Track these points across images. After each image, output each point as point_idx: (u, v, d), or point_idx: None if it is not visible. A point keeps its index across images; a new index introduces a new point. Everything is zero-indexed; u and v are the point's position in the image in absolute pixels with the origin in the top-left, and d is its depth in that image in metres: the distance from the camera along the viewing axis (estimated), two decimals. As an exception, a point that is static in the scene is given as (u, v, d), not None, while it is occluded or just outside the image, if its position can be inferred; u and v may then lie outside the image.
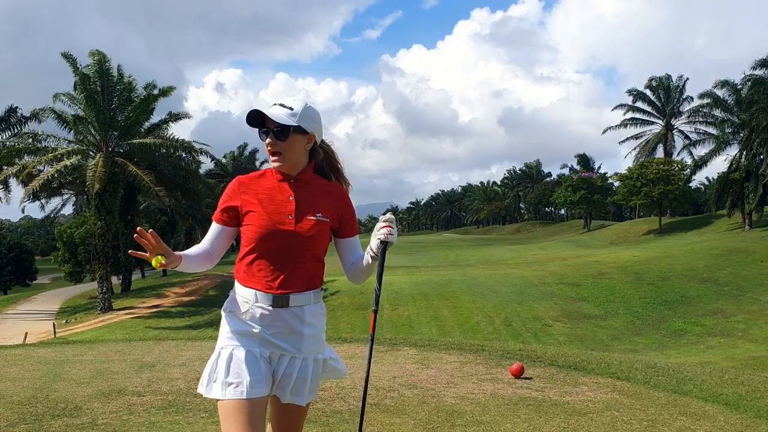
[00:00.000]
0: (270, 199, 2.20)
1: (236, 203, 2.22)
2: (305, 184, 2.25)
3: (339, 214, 2.28)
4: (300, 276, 2.19)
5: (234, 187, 2.26)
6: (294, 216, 2.17)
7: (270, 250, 2.17)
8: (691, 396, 4.91)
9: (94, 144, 28.25)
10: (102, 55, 28.27)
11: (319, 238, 2.20)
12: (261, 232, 2.15)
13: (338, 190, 2.34)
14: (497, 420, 4.14)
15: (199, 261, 2.22)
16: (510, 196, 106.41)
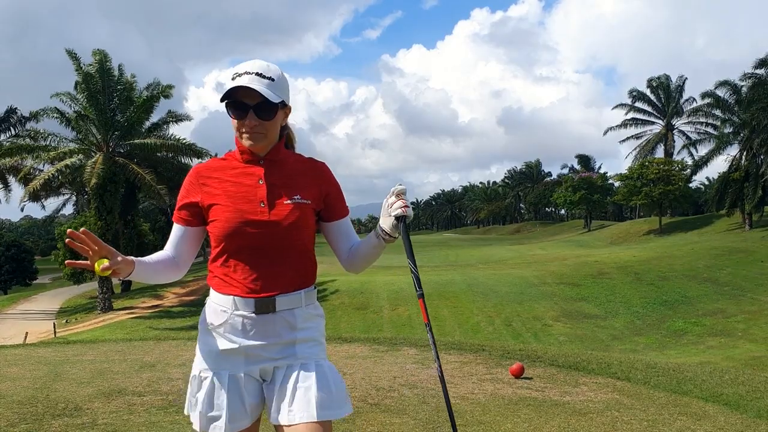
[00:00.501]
0: (236, 187, 1.86)
1: (195, 198, 1.88)
2: (277, 163, 1.91)
3: (322, 193, 1.94)
4: (286, 273, 1.86)
5: (191, 179, 1.91)
6: (266, 202, 1.83)
7: (244, 247, 1.83)
8: (692, 396, 4.90)
9: (95, 144, 28.26)
10: (103, 54, 28.28)
11: (301, 225, 1.86)
12: (229, 226, 1.81)
13: (316, 165, 1.98)
14: (497, 420, 4.14)
15: (160, 269, 1.87)
16: (510, 196, 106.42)
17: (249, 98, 1.78)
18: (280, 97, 1.82)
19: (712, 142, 43.89)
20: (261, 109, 1.79)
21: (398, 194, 1.89)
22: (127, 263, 1.73)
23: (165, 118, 30.37)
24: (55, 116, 28.08)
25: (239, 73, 1.79)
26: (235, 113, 1.81)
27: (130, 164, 27.10)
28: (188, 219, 1.90)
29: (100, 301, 27.75)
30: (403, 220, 1.87)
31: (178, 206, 1.91)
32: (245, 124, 1.80)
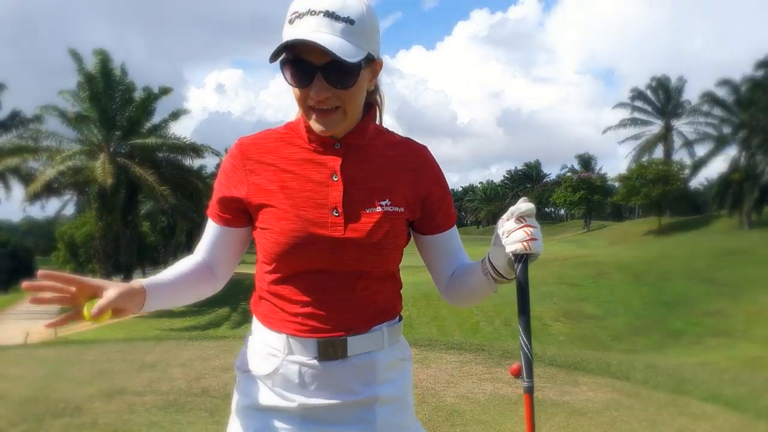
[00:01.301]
0: (299, 181, 1.29)
1: (239, 192, 1.32)
2: (360, 150, 1.33)
3: (421, 195, 1.35)
4: (361, 306, 1.31)
5: (234, 161, 1.34)
6: (342, 210, 1.27)
7: (306, 271, 1.29)
8: (691, 396, 4.91)
9: (97, 144, 28.26)
10: (105, 54, 28.27)
11: (389, 243, 1.30)
12: (286, 242, 1.26)
13: (415, 151, 1.39)
14: (497, 420, 4.15)
15: (185, 286, 1.35)
16: (510, 196, 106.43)
17: (315, 54, 1.17)
18: (364, 49, 1.20)
19: (711, 142, 43.93)
20: (334, 70, 1.18)
21: (520, 217, 1.23)
22: (131, 293, 1.20)
23: (165, 118, 30.36)
24: (55, 114, 28.04)
25: (299, 12, 1.19)
26: (293, 77, 1.22)
27: (131, 165, 27.09)
28: (228, 217, 1.35)
29: (100, 301, 27.71)
30: (523, 260, 1.23)
31: (216, 198, 1.37)
32: (311, 94, 1.21)
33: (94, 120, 27.83)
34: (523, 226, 1.22)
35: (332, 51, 1.15)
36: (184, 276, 1.35)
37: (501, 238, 1.26)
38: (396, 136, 1.41)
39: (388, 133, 1.41)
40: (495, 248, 1.29)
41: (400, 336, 1.40)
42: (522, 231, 1.22)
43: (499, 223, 1.28)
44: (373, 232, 1.28)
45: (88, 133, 28.24)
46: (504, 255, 1.25)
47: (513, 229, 1.23)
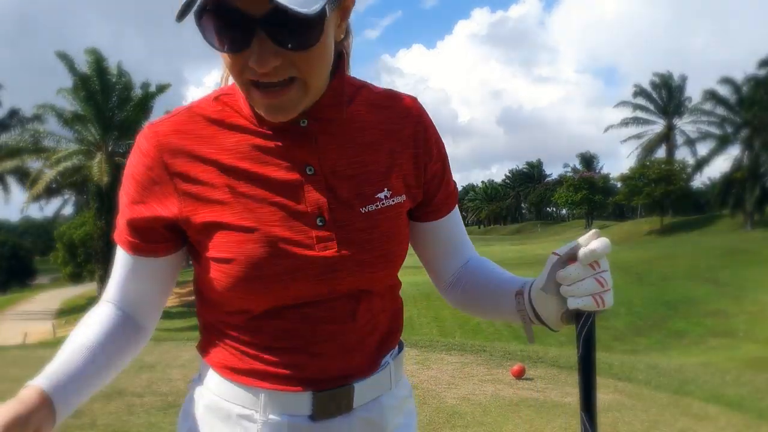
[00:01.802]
0: (257, 183, 0.89)
1: (166, 209, 0.89)
2: (335, 123, 0.93)
3: (421, 171, 0.99)
4: (365, 335, 0.96)
5: (150, 162, 0.89)
6: (329, 216, 0.89)
7: (286, 307, 0.90)
8: (693, 397, 4.89)
9: (94, 143, 28.29)
10: (97, 53, 28.25)
11: (396, 245, 0.95)
12: (254, 277, 0.86)
13: (406, 110, 1.00)
14: (498, 421, 4.12)
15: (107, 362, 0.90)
16: (511, 195, 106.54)
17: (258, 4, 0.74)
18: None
19: (713, 141, 43.94)
20: (283, 23, 0.76)
21: (591, 262, 0.87)
22: (18, 420, 0.74)
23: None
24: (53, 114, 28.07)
25: None
26: (220, 39, 0.79)
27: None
28: (147, 246, 0.92)
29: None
30: (589, 319, 0.89)
31: (124, 218, 0.92)
32: (250, 65, 0.79)
33: (91, 120, 27.86)
34: (597, 273, 0.87)
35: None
36: (101, 348, 0.89)
37: (557, 283, 0.89)
38: (376, 89, 1.01)
39: (366, 87, 1.00)
40: (543, 294, 0.91)
41: (403, 367, 1.08)
42: (594, 281, 0.87)
43: (552, 260, 0.90)
44: (376, 239, 0.91)
45: (85, 132, 28.27)
46: (560, 306, 0.90)
47: (581, 277, 0.87)
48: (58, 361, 0.86)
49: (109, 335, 0.91)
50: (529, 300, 0.94)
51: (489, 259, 1.11)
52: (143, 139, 0.91)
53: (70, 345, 0.89)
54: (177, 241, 0.93)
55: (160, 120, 0.93)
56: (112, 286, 0.97)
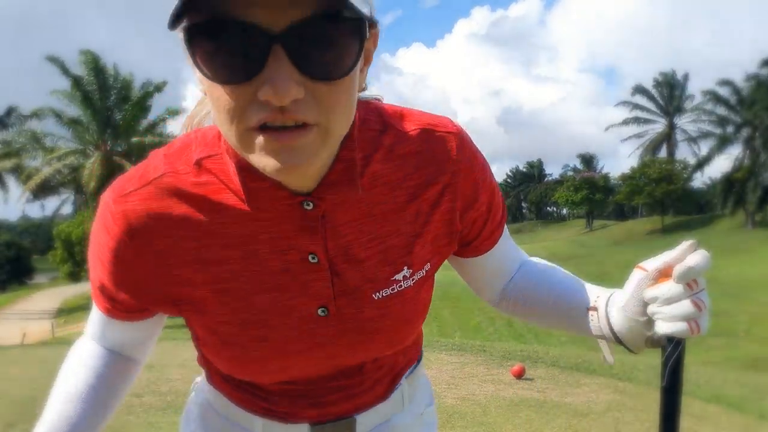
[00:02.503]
0: (248, 277, 0.76)
1: (140, 297, 0.79)
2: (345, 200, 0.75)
3: (456, 221, 0.83)
4: (374, 383, 0.91)
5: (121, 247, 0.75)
6: (334, 308, 0.78)
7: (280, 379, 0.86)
8: (693, 397, 4.88)
9: (92, 143, 28.28)
10: (92, 54, 28.22)
11: (414, 318, 0.86)
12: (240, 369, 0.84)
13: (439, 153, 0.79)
14: (498, 421, 4.11)
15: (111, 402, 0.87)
16: (512, 195, 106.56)
17: (269, 6, 0.55)
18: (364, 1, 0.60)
19: (714, 140, 43.96)
20: (311, 40, 0.57)
21: (690, 281, 0.77)
22: None
23: (162, 116, 30.32)
24: (51, 116, 28.07)
25: None
26: (220, 63, 0.58)
27: (127, 164, 27.10)
28: (123, 315, 0.84)
29: (100, 301, 27.81)
30: (679, 347, 0.77)
31: (97, 285, 0.83)
32: (263, 96, 0.58)
33: (88, 120, 27.85)
34: (694, 293, 0.76)
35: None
36: (93, 393, 0.84)
37: (644, 303, 0.78)
38: (405, 127, 0.79)
39: (390, 130, 0.78)
40: (626, 315, 0.79)
41: (422, 373, 1.01)
42: (690, 303, 0.75)
43: (638, 276, 0.79)
44: (387, 326, 0.81)
45: (83, 132, 28.27)
46: (646, 328, 0.79)
47: (676, 299, 0.75)
48: (54, 416, 0.82)
49: (101, 380, 0.86)
50: (607, 317, 0.83)
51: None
52: (109, 216, 0.75)
53: (63, 396, 0.84)
54: (154, 312, 0.84)
55: (128, 189, 0.74)
56: (95, 326, 0.88)
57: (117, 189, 0.75)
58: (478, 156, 0.84)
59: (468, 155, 0.82)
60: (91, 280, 0.83)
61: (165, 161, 0.75)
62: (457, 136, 0.81)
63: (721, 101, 42.87)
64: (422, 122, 0.80)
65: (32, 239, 74.64)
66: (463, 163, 0.81)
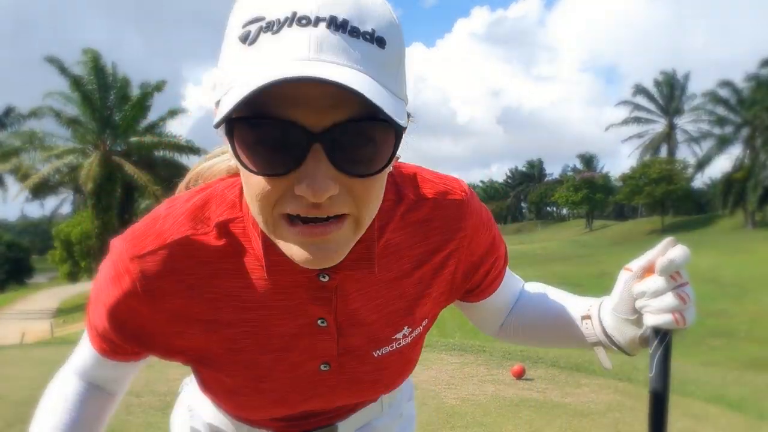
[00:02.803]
0: (258, 338, 0.80)
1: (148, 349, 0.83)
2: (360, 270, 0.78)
3: (457, 282, 0.89)
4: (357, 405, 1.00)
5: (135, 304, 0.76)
6: (336, 363, 0.85)
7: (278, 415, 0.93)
8: (694, 397, 4.87)
9: (92, 142, 28.28)
10: (95, 52, 28.18)
11: (408, 367, 0.94)
12: (242, 411, 0.91)
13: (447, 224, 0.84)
14: (498, 421, 4.11)
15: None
16: (512, 195, 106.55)
17: (311, 107, 0.58)
18: (402, 97, 0.64)
19: (714, 140, 43.96)
20: (347, 141, 0.60)
21: (672, 273, 0.79)
22: None
23: (163, 116, 30.29)
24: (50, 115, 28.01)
25: (272, 19, 0.58)
26: (261, 157, 0.61)
27: (126, 164, 27.08)
28: (119, 357, 0.85)
29: (99, 301, 27.81)
30: (666, 338, 0.83)
31: (98, 332, 0.83)
32: (301, 190, 0.60)
33: (87, 119, 27.81)
34: (678, 286, 0.79)
35: (369, 94, 0.56)
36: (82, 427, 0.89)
37: (633, 300, 0.83)
38: (410, 193, 0.82)
39: (404, 201, 0.82)
40: (617, 316, 0.85)
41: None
42: (675, 295, 0.78)
43: (625, 276, 0.84)
44: (384, 378, 0.88)
45: (83, 131, 28.24)
46: (633, 327, 0.84)
47: (661, 292, 0.79)
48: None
49: (83, 416, 0.89)
50: (600, 323, 0.88)
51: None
52: (125, 272, 0.75)
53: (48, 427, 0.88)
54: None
55: (146, 249, 0.74)
56: (79, 363, 0.91)
57: (133, 246, 0.75)
58: (483, 216, 0.89)
59: (474, 222, 0.86)
60: (91, 322, 0.83)
61: (185, 220, 0.76)
62: (464, 203, 0.85)
63: (721, 102, 42.86)
64: (433, 189, 0.84)
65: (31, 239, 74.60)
66: (468, 230, 0.85)
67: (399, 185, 0.83)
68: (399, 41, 0.63)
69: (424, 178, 0.85)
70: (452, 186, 0.86)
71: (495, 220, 0.94)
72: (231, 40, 0.61)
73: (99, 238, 27.78)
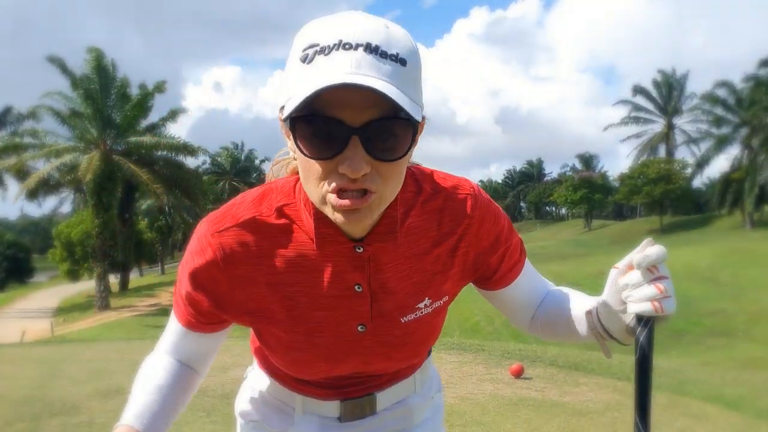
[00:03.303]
0: (309, 298, 0.99)
1: (223, 310, 1.01)
2: (386, 246, 0.98)
3: (470, 264, 1.07)
4: (391, 380, 1.17)
5: (213, 270, 0.97)
6: (370, 325, 1.02)
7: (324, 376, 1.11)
8: (692, 396, 4.88)
9: (92, 142, 28.25)
10: (99, 51, 28.14)
11: (429, 339, 1.12)
12: (297, 370, 1.09)
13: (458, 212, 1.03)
14: (497, 420, 4.12)
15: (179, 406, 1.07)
16: (511, 195, 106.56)
17: (351, 109, 0.80)
18: (418, 103, 0.84)
19: (713, 140, 43.96)
20: (378, 134, 0.81)
21: (650, 267, 0.92)
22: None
23: (163, 116, 30.26)
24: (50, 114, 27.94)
25: (323, 46, 0.80)
26: (316, 144, 0.82)
27: (127, 162, 27.06)
28: (205, 326, 1.04)
29: (98, 300, 27.75)
30: (649, 324, 0.93)
31: (184, 302, 1.02)
32: (341, 170, 0.82)
33: (89, 118, 27.77)
34: (655, 279, 0.91)
35: (394, 99, 0.76)
36: (172, 392, 1.04)
37: (619, 293, 0.96)
38: (428, 186, 1.03)
39: (422, 192, 1.02)
40: (608, 308, 0.99)
41: (430, 368, 1.27)
42: (653, 287, 0.91)
43: (613, 273, 0.99)
44: (407, 342, 1.06)
45: (83, 130, 28.21)
46: (622, 317, 0.97)
47: (640, 283, 0.92)
48: (141, 405, 1.00)
49: (176, 380, 1.06)
50: (597, 316, 1.02)
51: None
52: (207, 245, 0.97)
53: (146, 389, 1.03)
54: (229, 323, 1.06)
55: (224, 226, 0.97)
56: (168, 343, 1.09)
57: (214, 224, 0.98)
58: (490, 210, 1.08)
59: (481, 212, 1.05)
60: (177, 294, 1.04)
61: (252, 205, 0.99)
62: (473, 197, 1.05)
63: (720, 102, 42.86)
64: (446, 185, 1.05)
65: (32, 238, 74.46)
66: (474, 220, 1.04)
67: (419, 180, 1.04)
68: (417, 62, 0.85)
69: (439, 176, 1.06)
70: (462, 183, 1.06)
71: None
72: (293, 60, 0.83)
73: (99, 238, 27.77)
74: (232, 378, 4.89)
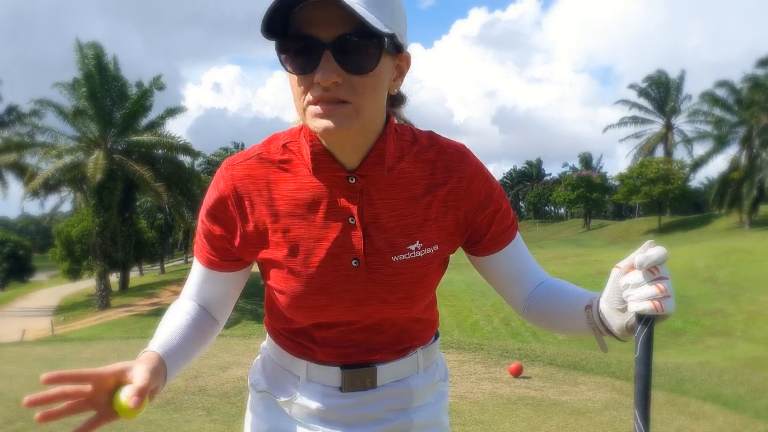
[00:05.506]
0: (308, 230, 1.06)
1: (235, 241, 1.10)
2: (380, 179, 1.06)
3: (461, 220, 1.11)
4: (392, 343, 1.17)
5: (226, 200, 1.08)
6: (363, 260, 1.06)
7: (324, 324, 1.14)
8: (690, 396, 4.90)
9: (93, 140, 28.21)
10: (99, 47, 28.08)
11: (419, 289, 1.11)
12: (297, 306, 1.10)
13: (452, 164, 1.10)
14: (496, 419, 4.13)
15: (196, 345, 1.11)
16: (510, 195, 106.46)
17: (323, 26, 0.90)
18: (390, 27, 0.92)
19: (711, 140, 43.96)
20: (347, 48, 0.91)
21: (651, 268, 0.93)
22: (156, 368, 0.96)
23: (162, 115, 30.19)
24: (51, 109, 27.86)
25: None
26: (293, 60, 0.94)
27: (127, 161, 27.03)
28: (221, 263, 1.13)
29: (98, 299, 27.74)
30: (649, 323, 0.94)
31: (202, 239, 1.12)
32: (315, 80, 0.92)
33: (92, 116, 27.73)
34: (655, 279, 0.93)
35: (357, 12, 0.86)
36: (191, 332, 1.10)
37: (620, 292, 0.97)
38: (424, 140, 1.11)
39: (418, 142, 1.11)
40: (609, 306, 1.00)
41: (436, 354, 1.27)
42: (653, 287, 0.92)
43: (614, 272, 0.99)
44: (399, 284, 1.08)
45: (85, 129, 28.15)
46: (622, 316, 0.98)
47: (640, 283, 0.93)
48: (163, 337, 1.05)
49: (196, 322, 1.12)
50: (598, 313, 1.03)
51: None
52: (221, 178, 1.09)
53: (169, 326, 1.09)
54: (244, 262, 1.15)
55: (237, 161, 1.10)
56: (191, 286, 1.17)
57: (229, 161, 1.11)
58: (482, 170, 1.14)
59: (472, 169, 1.11)
60: (198, 234, 1.14)
61: (262, 145, 1.11)
62: (463, 154, 1.12)
63: (718, 102, 42.85)
64: (442, 142, 1.13)
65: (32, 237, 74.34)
66: (466, 174, 1.11)
67: (416, 134, 1.13)
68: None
69: (436, 134, 1.15)
70: (456, 143, 1.14)
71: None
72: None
73: (99, 236, 27.75)
74: (232, 377, 4.90)
